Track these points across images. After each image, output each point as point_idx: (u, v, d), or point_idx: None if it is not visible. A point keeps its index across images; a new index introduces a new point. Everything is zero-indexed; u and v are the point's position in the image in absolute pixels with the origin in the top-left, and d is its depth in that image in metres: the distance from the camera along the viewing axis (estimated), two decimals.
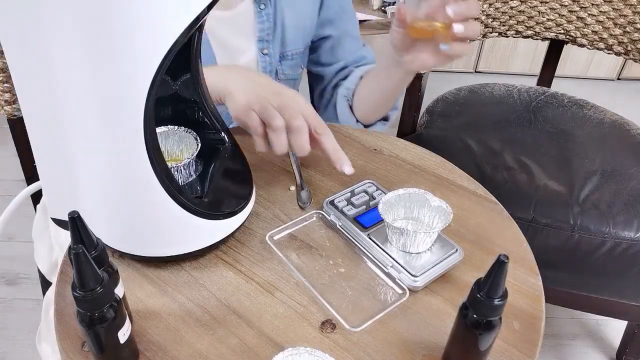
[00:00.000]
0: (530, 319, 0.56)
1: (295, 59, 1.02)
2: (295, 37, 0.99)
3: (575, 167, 1.15)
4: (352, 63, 1.02)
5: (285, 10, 0.95)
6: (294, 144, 0.67)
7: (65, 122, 0.53)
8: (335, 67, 1.03)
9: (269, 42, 0.96)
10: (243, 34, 0.95)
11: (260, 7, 0.93)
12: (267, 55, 0.97)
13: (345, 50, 1.02)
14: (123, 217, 0.57)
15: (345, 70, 1.02)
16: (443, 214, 0.61)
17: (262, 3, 0.93)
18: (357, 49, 1.03)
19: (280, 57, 0.99)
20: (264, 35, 0.95)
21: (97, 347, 0.47)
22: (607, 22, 1.34)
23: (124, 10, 0.45)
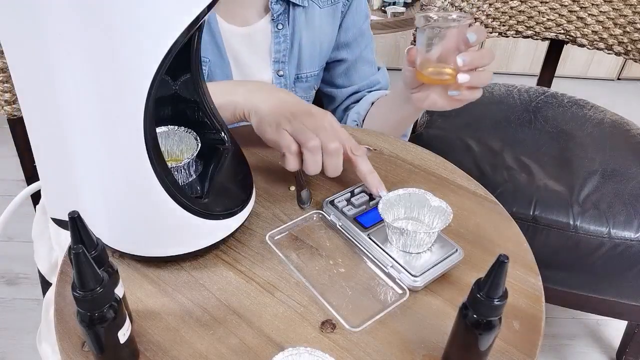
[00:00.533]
0: (530, 319, 0.56)
1: (310, 82, 1.01)
2: (312, 59, 0.99)
3: (575, 167, 1.15)
4: (365, 88, 1.02)
5: (302, 31, 0.95)
6: (329, 165, 0.66)
7: (65, 122, 0.53)
8: (348, 90, 1.03)
9: (285, 64, 0.96)
10: (259, 53, 0.95)
11: (278, 27, 0.92)
12: (282, 76, 0.96)
13: (359, 75, 1.02)
14: (123, 217, 0.57)
15: (357, 95, 1.02)
16: (443, 214, 0.61)
17: (280, 23, 0.92)
18: (372, 73, 1.03)
19: (295, 78, 0.99)
20: (280, 57, 0.95)
21: (97, 347, 0.47)
22: (607, 22, 1.34)
23: (124, 10, 0.45)
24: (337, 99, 1.05)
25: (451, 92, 0.71)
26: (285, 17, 0.93)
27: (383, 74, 1.05)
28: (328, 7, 0.96)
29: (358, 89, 1.03)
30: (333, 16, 0.97)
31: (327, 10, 0.96)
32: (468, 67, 0.68)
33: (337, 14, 0.97)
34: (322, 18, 0.96)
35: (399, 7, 1.75)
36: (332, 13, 0.97)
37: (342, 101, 1.05)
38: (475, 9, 1.37)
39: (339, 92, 1.04)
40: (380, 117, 0.94)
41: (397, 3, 1.76)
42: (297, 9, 0.93)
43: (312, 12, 0.95)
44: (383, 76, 1.05)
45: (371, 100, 0.97)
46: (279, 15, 0.92)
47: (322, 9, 0.96)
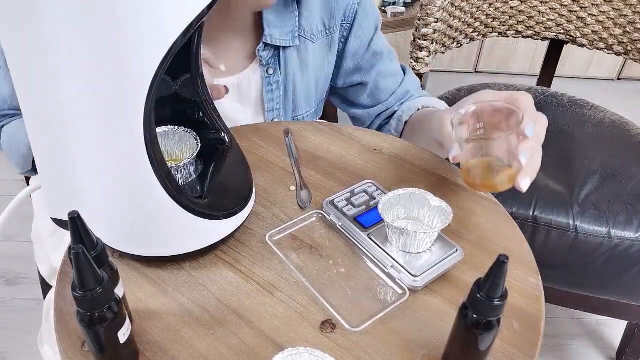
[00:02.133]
0: (530, 319, 0.56)
1: (307, 120, 0.94)
2: (307, 99, 0.91)
3: (575, 167, 1.15)
4: (395, 103, 0.93)
5: (296, 72, 0.87)
6: None
7: (65, 122, 0.53)
8: (375, 110, 0.94)
9: (279, 111, 0.88)
10: (249, 104, 0.87)
11: (269, 72, 0.84)
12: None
13: (384, 92, 0.93)
14: (123, 217, 0.57)
15: (387, 112, 0.93)
16: (443, 214, 0.61)
17: (270, 67, 0.84)
18: (397, 84, 0.93)
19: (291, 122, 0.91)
20: (273, 105, 0.87)
21: (97, 347, 0.47)
22: (607, 22, 1.34)
23: (124, 10, 0.45)
24: (365, 120, 0.96)
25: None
26: (275, 61, 0.85)
27: (410, 79, 0.95)
28: (323, 39, 0.87)
29: (386, 107, 0.93)
30: (329, 47, 0.89)
31: (322, 42, 0.88)
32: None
33: (334, 44, 0.89)
34: (317, 53, 0.88)
35: (399, 7, 1.75)
36: (327, 44, 0.88)
37: (372, 121, 0.96)
38: (475, 9, 1.37)
39: (366, 114, 0.95)
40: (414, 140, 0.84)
41: (397, 3, 1.76)
42: (288, 50, 0.85)
43: (305, 49, 0.86)
44: (410, 82, 0.94)
45: (405, 119, 0.88)
46: (269, 59, 0.84)
47: (316, 43, 0.87)
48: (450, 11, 1.30)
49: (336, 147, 0.80)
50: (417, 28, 1.28)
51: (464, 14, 1.35)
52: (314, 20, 0.85)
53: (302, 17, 0.83)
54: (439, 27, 1.27)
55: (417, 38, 1.28)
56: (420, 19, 1.26)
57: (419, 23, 1.27)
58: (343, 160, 0.77)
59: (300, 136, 0.82)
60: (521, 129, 0.58)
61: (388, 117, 0.93)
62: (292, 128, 0.83)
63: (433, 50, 1.31)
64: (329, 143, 0.81)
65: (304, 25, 0.84)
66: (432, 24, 1.25)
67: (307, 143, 0.80)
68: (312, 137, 0.82)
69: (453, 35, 1.37)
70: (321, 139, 0.81)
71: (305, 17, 0.84)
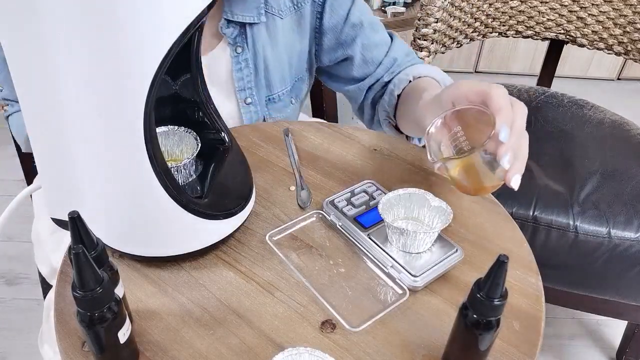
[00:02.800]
0: (530, 319, 0.56)
1: (283, 99, 0.92)
2: (282, 78, 0.89)
3: (575, 167, 1.15)
4: (383, 73, 0.89)
5: (266, 49, 0.85)
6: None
7: (65, 122, 0.53)
8: (365, 84, 0.90)
9: (252, 90, 0.87)
10: (220, 84, 0.85)
11: (237, 52, 0.83)
12: (250, 104, 0.87)
13: (370, 64, 0.89)
14: (123, 217, 0.57)
15: (377, 84, 0.90)
16: (443, 214, 0.61)
17: (238, 46, 0.83)
18: (383, 54, 0.89)
19: (266, 101, 0.90)
20: (244, 84, 0.86)
21: (97, 347, 0.47)
22: (607, 22, 1.34)
23: (124, 10, 0.45)
24: (357, 96, 0.93)
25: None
26: (243, 39, 0.83)
27: (397, 47, 0.90)
28: (291, 15, 0.85)
29: (375, 79, 0.89)
30: (299, 24, 0.87)
31: (291, 19, 0.86)
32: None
33: (304, 20, 0.87)
34: (286, 29, 0.86)
35: (399, 7, 1.74)
36: (296, 21, 0.86)
37: (365, 96, 0.92)
38: (475, 9, 1.37)
39: (356, 88, 0.91)
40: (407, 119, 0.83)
41: (397, 3, 1.76)
42: (255, 26, 0.82)
43: (274, 25, 0.84)
44: (397, 50, 0.90)
45: (397, 92, 0.84)
46: (236, 38, 0.82)
47: (284, 20, 0.85)
48: (450, 11, 1.30)
49: (336, 147, 0.80)
50: (417, 28, 1.28)
51: (464, 14, 1.35)
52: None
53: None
54: (439, 27, 1.27)
55: (417, 38, 1.28)
56: (420, 19, 1.26)
57: (419, 23, 1.27)
58: (343, 160, 0.77)
59: (300, 136, 0.82)
60: (495, 134, 0.57)
61: (381, 90, 0.90)
62: (292, 128, 0.83)
63: (433, 50, 1.31)
64: (329, 143, 0.81)
65: (270, 1, 0.83)
66: (432, 24, 1.25)
67: (307, 143, 0.80)
68: (312, 137, 0.82)
69: (453, 35, 1.37)
70: (321, 139, 0.81)
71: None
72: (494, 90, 0.59)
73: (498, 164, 0.58)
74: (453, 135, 0.63)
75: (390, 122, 0.87)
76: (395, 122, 0.86)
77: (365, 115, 0.94)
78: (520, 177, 0.58)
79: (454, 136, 0.63)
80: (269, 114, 0.91)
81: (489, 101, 0.59)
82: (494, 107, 0.58)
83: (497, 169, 0.59)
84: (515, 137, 0.58)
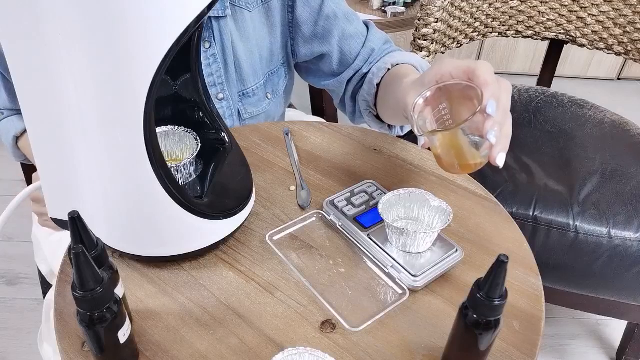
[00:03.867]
0: (530, 319, 0.56)
1: (258, 94, 0.90)
2: (255, 71, 0.88)
3: (575, 167, 1.15)
4: (362, 64, 0.88)
5: (236, 44, 0.83)
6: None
7: (65, 122, 0.53)
8: (344, 77, 0.89)
9: (223, 85, 0.85)
10: None
11: (205, 47, 0.81)
12: (223, 100, 0.86)
13: (348, 56, 0.88)
14: (123, 217, 0.57)
15: (357, 76, 0.89)
16: (443, 214, 0.61)
17: (206, 41, 0.81)
18: (360, 44, 0.88)
19: (240, 96, 0.89)
20: (214, 80, 0.84)
21: (97, 347, 0.47)
22: (607, 22, 1.34)
23: (124, 10, 0.45)
24: (338, 90, 0.92)
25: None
26: (209, 34, 0.81)
27: (373, 36, 0.89)
28: (259, 7, 0.84)
29: (354, 71, 0.88)
30: (267, 17, 0.85)
31: (259, 11, 0.84)
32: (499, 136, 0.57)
33: (271, 12, 0.85)
34: (255, 22, 0.84)
35: (399, 7, 1.74)
36: (264, 13, 0.85)
37: (345, 88, 0.91)
38: (475, 9, 1.37)
39: (336, 82, 0.90)
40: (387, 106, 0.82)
41: (397, 3, 1.76)
42: (222, 20, 0.80)
43: (243, 19, 0.82)
44: (374, 39, 0.89)
45: (376, 81, 0.82)
46: (203, 33, 0.79)
47: (253, 12, 0.83)
48: (450, 11, 1.30)
49: (336, 147, 0.80)
50: (417, 28, 1.28)
51: (464, 14, 1.35)
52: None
53: None
54: (439, 27, 1.27)
55: (417, 38, 1.28)
56: (420, 19, 1.26)
57: (419, 23, 1.27)
58: (343, 160, 0.77)
59: (300, 136, 0.82)
60: (483, 108, 0.56)
61: (360, 82, 0.88)
62: (292, 128, 0.83)
63: (433, 50, 1.31)
64: (329, 143, 0.81)
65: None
66: (432, 24, 1.25)
67: (307, 143, 0.80)
68: (312, 137, 0.82)
69: (453, 35, 1.37)
70: (321, 139, 0.81)
71: None
72: (480, 66, 0.58)
73: (483, 143, 0.57)
74: (438, 113, 0.62)
75: (372, 112, 0.86)
76: (376, 111, 0.85)
77: (347, 108, 0.94)
78: (504, 155, 0.57)
79: (440, 113, 0.62)
80: (244, 109, 0.90)
81: (475, 77, 0.58)
82: (480, 82, 0.57)
83: (482, 147, 0.58)
84: (501, 112, 0.57)
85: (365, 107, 0.86)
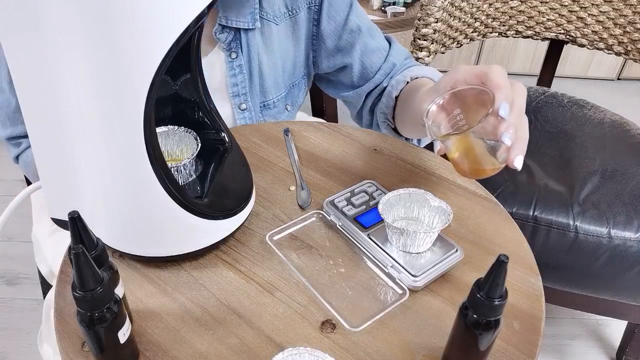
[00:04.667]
0: (530, 319, 0.56)
1: (278, 106, 0.91)
2: (276, 84, 0.89)
3: (575, 167, 1.15)
4: (383, 78, 0.89)
5: (261, 55, 0.85)
6: None
7: (65, 122, 0.53)
8: (364, 90, 0.90)
9: (246, 96, 0.86)
10: (214, 89, 0.82)
11: (232, 57, 0.83)
12: (246, 110, 0.87)
13: (369, 70, 0.89)
14: (123, 217, 0.57)
15: (376, 90, 0.90)
16: (443, 214, 0.61)
17: (233, 51, 0.82)
18: (382, 59, 0.89)
19: (261, 107, 0.90)
20: (238, 90, 0.85)
21: (97, 347, 0.47)
22: (607, 22, 1.34)
23: (124, 10, 0.45)
24: (356, 102, 0.93)
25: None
26: (237, 45, 0.82)
27: (395, 52, 0.90)
28: (286, 21, 0.85)
29: (374, 84, 0.89)
30: (293, 29, 0.86)
31: (286, 25, 0.85)
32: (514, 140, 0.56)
33: (298, 26, 0.86)
34: (281, 35, 0.86)
35: (399, 7, 1.75)
36: (291, 27, 0.86)
37: (363, 101, 0.92)
38: (475, 9, 1.37)
39: (355, 94, 0.91)
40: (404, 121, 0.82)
41: (397, 3, 1.76)
42: (250, 32, 0.82)
43: (270, 31, 0.84)
44: (396, 54, 0.90)
45: (394, 94, 0.83)
46: (230, 43, 0.82)
47: (280, 25, 0.85)
48: (450, 11, 1.30)
49: (336, 147, 0.80)
50: (417, 28, 1.28)
51: (464, 14, 1.35)
52: (275, 1, 0.83)
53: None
54: (439, 27, 1.27)
55: (417, 38, 1.28)
56: (420, 19, 1.26)
57: (419, 23, 1.27)
58: (343, 160, 0.77)
59: (300, 136, 0.82)
60: (495, 110, 0.56)
61: (379, 96, 0.89)
62: (292, 128, 0.83)
63: (433, 50, 1.31)
64: (329, 143, 0.81)
65: (266, 7, 0.82)
66: (432, 24, 1.25)
67: (307, 143, 0.80)
68: (312, 137, 0.82)
69: (453, 35, 1.37)
70: (321, 139, 0.81)
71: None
72: (492, 70, 0.58)
73: (499, 147, 0.57)
74: (453, 119, 0.62)
75: (389, 124, 0.87)
76: (393, 124, 0.86)
77: (364, 121, 0.94)
78: (522, 158, 0.56)
79: (454, 119, 0.62)
80: (263, 120, 0.91)
81: (488, 80, 0.58)
82: (493, 85, 0.57)
83: (498, 151, 0.58)
84: (516, 114, 0.57)
85: (383, 119, 0.87)
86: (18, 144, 0.85)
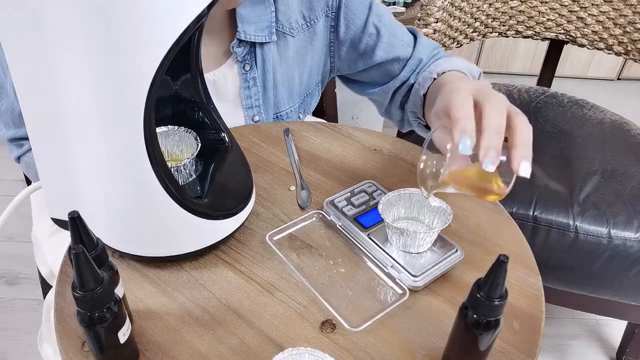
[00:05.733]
0: (530, 319, 0.56)
1: (292, 116, 0.91)
2: (290, 95, 0.88)
3: (575, 167, 1.15)
4: (409, 75, 0.86)
5: (276, 68, 0.84)
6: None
7: (66, 123, 0.53)
8: (390, 87, 0.87)
9: (260, 108, 0.86)
10: (227, 100, 0.85)
11: (245, 69, 0.83)
12: (259, 122, 0.87)
13: (394, 68, 0.87)
14: (123, 217, 0.57)
15: (404, 87, 0.87)
16: (443, 214, 0.61)
17: (247, 64, 0.82)
18: (407, 55, 0.86)
19: (274, 118, 0.89)
20: (251, 102, 0.85)
21: (97, 347, 0.47)
22: (607, 22, 1.34)
23: (124, 10, 0.45)
24: (383, 99, 0.91)
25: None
26: (252, 57, 0.82)
27: (421, 47, 0.87)
28: (304, 32, 0.84)
29: (401, 81, 0.86)
30: (311, 40, 0.85)
31: (303, 36, 0.85)
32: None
33: (316, 36, 0.85)
34: (298, 47, 0.85)
35: (399, 7, 1.74)
36: (309, 37, 0.85)
37: (392, 98, 0.89)
38: (475, 9, 1.37)
39: (381, 92, 0.89)
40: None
41: (397, 3, 1.76)
42: (266, 45, 0.82)
43: (285, 44, 0.83)
44: (422, 50, 0.87)
45: (422, 92, 0.80)
46: (245, 56, 0.82)
47: (296, 37, 0.84)
48: (450, 11, 1.30)
49: (336, 147, 0.80)
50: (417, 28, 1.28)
51: (464, 14, 1.35)
52: (292, 14, 0.83)
53: (278, 12, 0.81)
54: (439, 27, 1.27)
55: None
56: (420, 19, 1.26)
57: (419, 23, 1.27)
58: (343, 160, 0.77)
59: (300, 136, 0.82)
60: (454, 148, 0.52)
61: (408, 93, 0.87)
62: (292, 128, 0.83)
63: None
64: (329, 143, 0.81)
65: (282, 20, 0.82)
66: (432, 24, 1.25)
67: (307, 143, 0.80)
68: (312, 137, 0.82)
69: (453, 35, 1.37)
70: (321, 139, 0.81)
71: (282, 12, 0.81)
72: (452, 102, 0.54)
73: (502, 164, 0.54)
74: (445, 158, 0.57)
75: (421, 122, 0.84)
76: (425, 121, 0.83)
77: (394, 117, 0.92)
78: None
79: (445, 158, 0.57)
80: None
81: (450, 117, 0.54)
82: (452, 122, 0.53)
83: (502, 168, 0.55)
84: (487, 135, 0.52)
85: (414, 118, 0.85)
86: (20, 145, 0.85)
